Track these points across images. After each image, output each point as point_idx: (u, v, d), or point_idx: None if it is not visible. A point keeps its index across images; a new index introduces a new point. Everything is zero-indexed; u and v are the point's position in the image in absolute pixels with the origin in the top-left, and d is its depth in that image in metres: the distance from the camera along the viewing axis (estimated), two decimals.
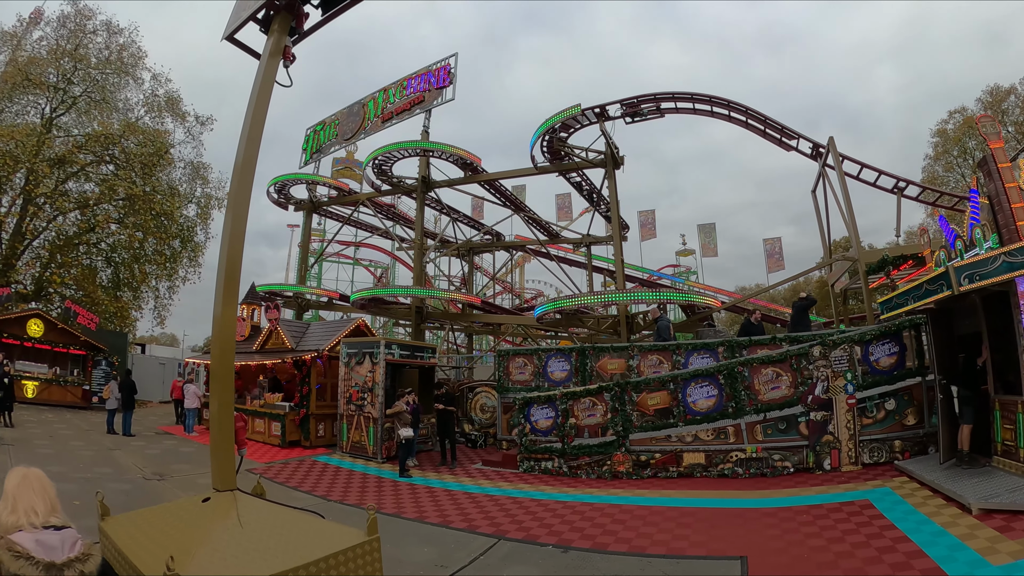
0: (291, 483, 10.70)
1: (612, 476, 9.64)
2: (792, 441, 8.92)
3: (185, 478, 10.62)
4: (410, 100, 22.76)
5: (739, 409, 9.21)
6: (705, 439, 9.28)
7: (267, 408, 14.88)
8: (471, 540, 6.79)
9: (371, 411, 13.09)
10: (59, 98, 24.68)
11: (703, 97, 17.35)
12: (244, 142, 3.81)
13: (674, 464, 9.31)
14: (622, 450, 9.68)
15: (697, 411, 9.47)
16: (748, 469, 8.92)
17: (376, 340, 13.60)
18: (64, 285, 23.52)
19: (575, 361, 12.78)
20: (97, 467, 10.77)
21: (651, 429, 9.59)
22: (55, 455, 11.38)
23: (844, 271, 17.60)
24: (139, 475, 10.48)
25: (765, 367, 9.32)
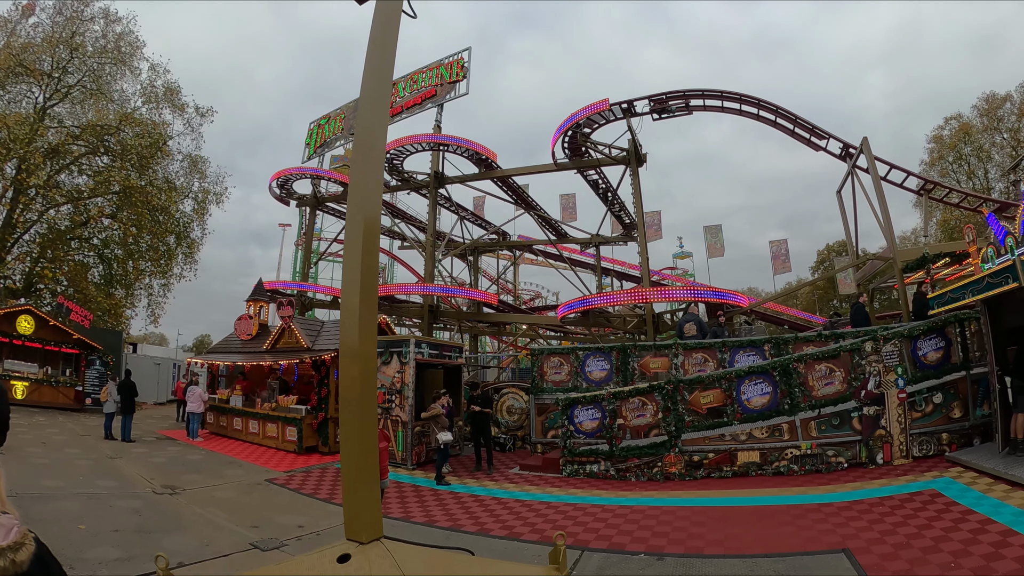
0: (320, 494, 9.32)
1: (664, 478, 8.92)
2: (845, 436, 8.57)
3: (200, 491, 9.14)
4: (422, 94, 21.47)
5: (794, 405, 8.74)
6: (759, 437, 8.77)
7: (280, 412, 13.38)
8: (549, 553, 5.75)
9: (400, 414, 11.74)
10: (53, 87, 22.72)
11: (733, 95, 16.45)
12: (375, 67, 2.55)
13: (728, 463, 8.74)
14: (675, 451, 8.99)
15: (751, 408, 8.92)
16: (803, 466, 8.49)
17: (405, 338, 12.26)
18: (55, 281, 21.52)
19: (616, 360, 11.69)
20: (99, 479, 9.22)
21: (705, 428, 8.97)
22: (50, 465, 9.77)
23: (875, 271, 16.86)
24: (147, 488, 8.96)
25: (819, 363, 8.92)
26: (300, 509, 8.39)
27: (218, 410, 15.30)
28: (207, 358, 16.33)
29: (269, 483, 10.10)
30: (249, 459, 12.18)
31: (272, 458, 12.34)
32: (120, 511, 7.43)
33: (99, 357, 18.77)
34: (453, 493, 9.35)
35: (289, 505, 8.65)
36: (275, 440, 13.43)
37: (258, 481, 10.22)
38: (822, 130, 16.52)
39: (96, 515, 7.16)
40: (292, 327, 13.93)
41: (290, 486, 9.91)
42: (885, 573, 4.72)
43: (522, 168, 19.68)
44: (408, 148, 19.94)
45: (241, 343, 16.32)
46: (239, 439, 14.37)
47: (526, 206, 22.28)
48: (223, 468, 11.17)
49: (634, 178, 17.14)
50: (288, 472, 11.05)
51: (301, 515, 8.01)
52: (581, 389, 11.39)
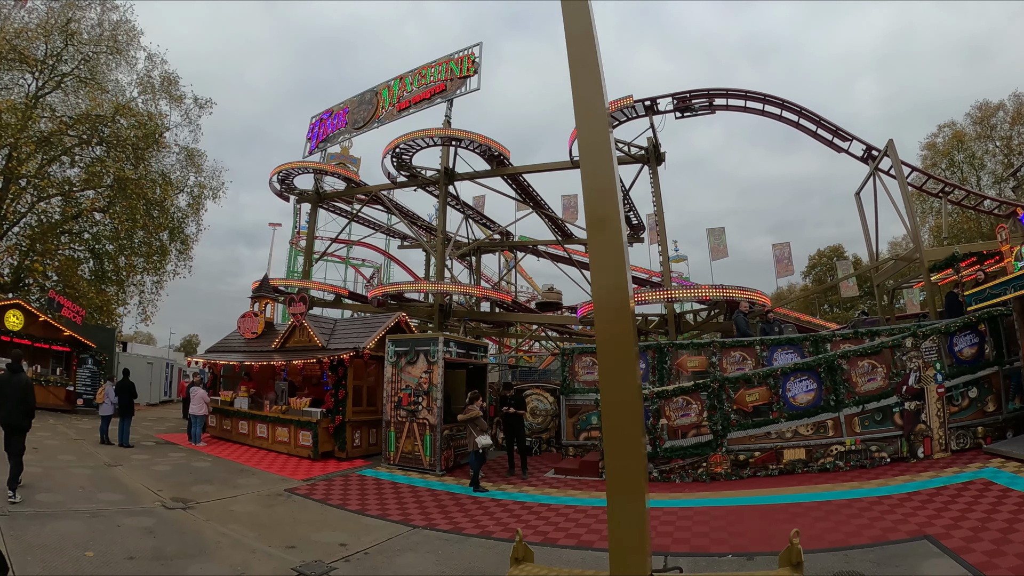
0: (351, 505, 8.21)
1: (710, 478, 8.50)
2: (887, 432, 8.41)
3: (216, 505, 7.97)
4: (431, 89, 20.45)
5: (839, 402, 8.52)
6: (805, 434, 8.49)
7: (293, 415, 12.20)
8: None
9: (427, 417, 10.69)
10: (46, 75, 21.11)
11: (757, 95, 15.85)
12: (581, 67, 1.91)
13: (774, 462, 8.42)
14: (721, 450, 8.59)
15: (796, 406, 8.62)
16: (848, 462, 8.27)
17: (432, 336, 11.20)
18: (44, 275, 19.86)
19: (652, 359, 11.00)
20: (101, 491, 7.98)
21: (751, 427, 8.61)
22: (44, 475, 8.49)
23: (896, 271, 16.43)
24: (156, 502, 7.76)
25: (862, 359, 8.72)
26: (334, 523, 7.29)
27: (221, 413, 14.00)
28: (209, 357, 15.01)
29: (290, 493, 8.94)
30: (261, 466, 10.97)
31: (286, 465, 11.16)
32: (131, 532, 6.26)
33: (91, 356, 17.26)
34: (496, 501, 8.41)
35: (320, 519, 7.52)
36: (286, 445, 12.23)
37: (277, 491, 9.06)
38: (846, 132, 16.04)
39: (104, 538, 5.97)
40: (305, 325, 12.75)
41: (314, 496, 8.77)
42: (976, 554, 4.62)
43: (536, 165, 18.78)
44: (418, 143, 18.87)
45: (245, 342, 15.03)
46: (245, 444, 13.12)
47: (534, 205, 21.38)
48: (235, 477, 9.97)
49: (653, 177, 16.38)
50: (308, 480, 9.89)
51: (338, 531, 6.92)
52: None
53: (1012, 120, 24.77)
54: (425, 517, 7.55)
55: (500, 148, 18.29)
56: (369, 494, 9.00)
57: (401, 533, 6.76)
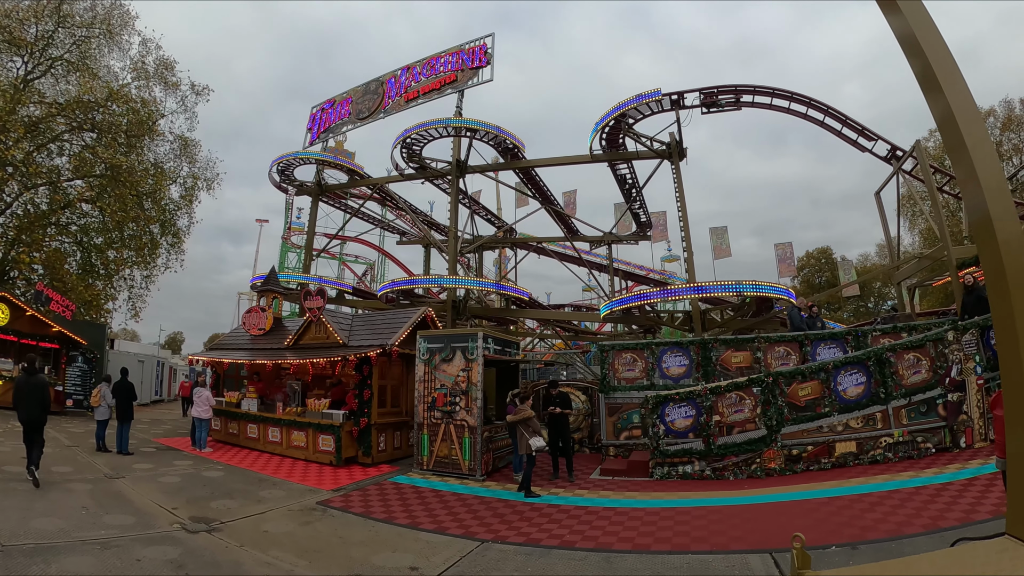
0: (398, 518, 7.10)
1: (764, 474, 8.15)
2: (931, 423, 8.26)
3: (245, 524, 6.73)
4: (440, 79, 19.21)
5: (888, 394, 8.35)
6: (855, 427, 8.28)
7: (311, 418, 10.93)
8: (746, 560, 4.96)
9: (465, 418, 9.60)
10: (35, 59, 19.18)
11: (784, 93, 15.20)
12: None
13: (826, 455, 8.16)
14: (775, 445, 8.23)
15: (847, 399, 8.40)
16: (897, 453, 8.10)
17: (471, 331, 10.10)
18: (31, 268, 17.93)
19: (695, 355, 10.52)
20: (107, 512, 6.65)
21: (804, 421, 8.32)
22: (38, 494, 7.11)
23: (918, 269, 16.02)
24: (174, 524, 6.49)
25: (907, 352, 8.58)
26: (389, 542, 6.18)
27: (227, 415, 12.60)
28: (212, 355, 13.55)
29: (325, 507, 7.73)
30: (280, 475, 9.70)
31: (308, 473, 9.90)
32: (154, 567, 5.01)
33: (82, 353, 15.55)
34: (555, 507, 7.48)
35: (371, 538, 6.37)
36: (303, 450, 10.95)
37: (309, 505, 7.85)
38: (871, 132, 15.55)
39: None
40: (324, 320, 11.47)
41: (353, 509, 7.58)
42: None
43: (552, 159, 17.73)
44: (430, 134, 17.64)
45: (251, 339, 13.63)
46: (256, 449, 11.78)
47: (543, 200, 20.37)
48: (255, 488, 8.68)
49: (676, 172, 15.53)
50: (338, 491, 8.68)
51: (399, 551, 5.85)
52: (658, 386, 10.19)
53: (1002, 126, 24.85)
54: (487, 529, 6.56)
55: (516, 140, 17.20)
56: (413, 504, 7.87)
57: (472, 549, 5.79)
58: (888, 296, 33.52)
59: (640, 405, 9.90)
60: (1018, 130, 24.73)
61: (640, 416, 10.08)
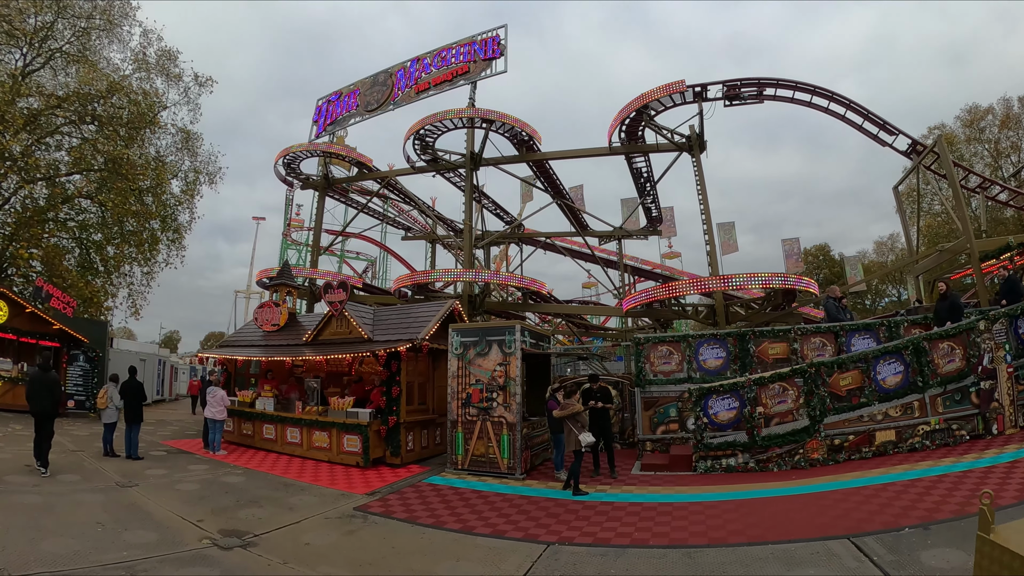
0: (447, 523, 6.36)
1: (808, 464, 7.85)
2: (965, 411, 8.09)
3: (282, 536, 5.87)
4: (452, 70, 18.33)
5: (925, 383, 8.17)
6: (894, 416, 8.08)
7: (335, 417, 10.04)
8: (827, 546, 4.68)
9: (504, 415, 8.84)
10: (34, 51, 17.93)
11: (807, 86, 14.65)
12: None
13: (867, 444, 7.94)
14: (818, 436, 7.94)
15: (886, 388, 8.16)
16: (934, 441, 7.94)
17: (508, 324, 9.29)
18: (29, 263, 16.67)
19: (732, 347, 10.03)
20: (125, 528, 5.73)
21: (845, 411, 8.08)
22: (46, 507, 6.17)
23: (939, 262, 15.60)
24: (203, 540, 5.61)
25: (942, 341, 8.38)
26: (448, 550, 5.47)
27: (241, 415, 11.64)
28: (224, 353, 12.56)
29: (364, 513, 6.91)
30: (306, 479, 8.80)
31: (335, 475, 9.01)
32: None
33: (84, 352, 14.42)
34: (610, 504, 6.96)
35: (425, 546, 5.62)
36: (326, 452, 10.06)
37: (346, 511, 7.00)
38: (893, 126, 15.09)
39: None
40: (347, 315, 10.56)
41: (396, 515, 6.77)
42: None
43: (568, 151, 16.96)
44: (444, 125, 16.77)
45: (264, 335, 12.66)
46: (273, 451, 10.85)
47: (555, 193, 19.60)
48: (283, 494, 7.80)
49: (697, 165, 14.87)
50: (373, 495, 7.83)
51: (462, 559, 5.18)
52: (695, 379, 9.76)
53: (1001, 124, 24.65)
54: (547, 530, 5.94)
55: (531, 131, 16.41)
56: (458, 507, 7.12)
57: (541, 554, 5.18)
58: (885, 293, 33.40)
59: (677, 399, 9.69)
60: (1016, 128, 24.54)
61: (677, 410, 9.74)
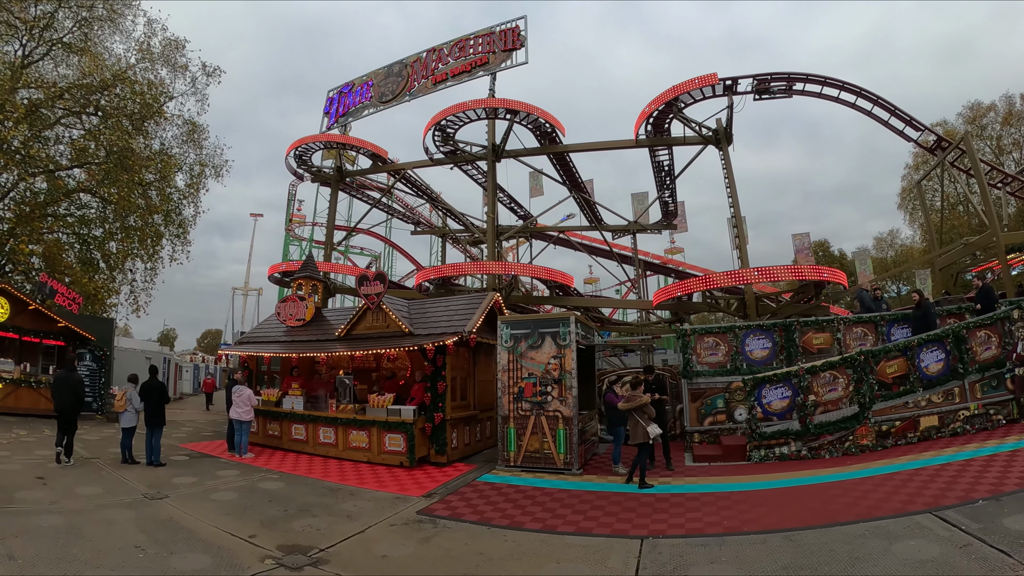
0: (526, 523, 5.71)
1: (858, 450, 7.78)
2: (1001, 396, 8.12)
3: (352, 549, 5.00)
4: (471, 61, 17.39)
5: (965, 370, 8.22)
6: (936, 402, 8.08)
7: (375, 415, 9.08)
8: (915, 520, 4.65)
9: (559, 409, 8.06)
10: (36, 40, 16.58)
11: (835, 82, 14.13)
12: None
13: (912, 430, 7.91)
14: (867, 422, 7.90)
15: (929, 375, 8.17)
16: (973, 425, 7.94)
17: (562, 316, 8.54)
18: (29, 259, 15.33)
19: (778, 338, 9.84)
20: (170, 551, 4.74)
21: (892, 398, 8.04)
22: (73, 530, 5.13)
23: (965, 254, 15.22)
24: (266, 560, 4.68)
25: (979, 330, 8.43)
26: (540, 551, 4.93)
27: (267, 415, 10.59)
28: (245, 350, 11.48)
29: (431, 517, 6.08)
30: (350, 481, 7.85)
31: (381, 477, 8.07)
32: None
33: (91, 351, 13.20)
34: (685, 495, 6.56)
35: (514, 549, 4.93)
36: (366, 452, 9.10)
37: (409, 516, 6.14)
38: (919, 122, 14.69)
39: None
40: (385, 308, 9.59)
41: (465, 517, 6.00)
42: None
43: (592, 143, 16.15)
44: (467, 115, 15.84)
45: (287, 331, 11.63)
46: (304, 452, 9.84)
47: (573, 186, 18.78)
48: (333, 500, 6.85)
49: (725, 158, 14.20)
50: (431, 496, 6.97)
51: (562, 560, 4.63)
52: (742, 370, 9.50)
53: (1003, 121, 24.47)
54: (632, 525, 5.52)
55: (557, 123, 15.57)
56: (527, 506, 6.44)
57: (641, 548, 4.78)
58: (885, 289, 33.20)
59: (723, 390, 9.51)
60: (1019, 125, 24.40)
61: (724, 401, 9.51)
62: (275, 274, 19.35)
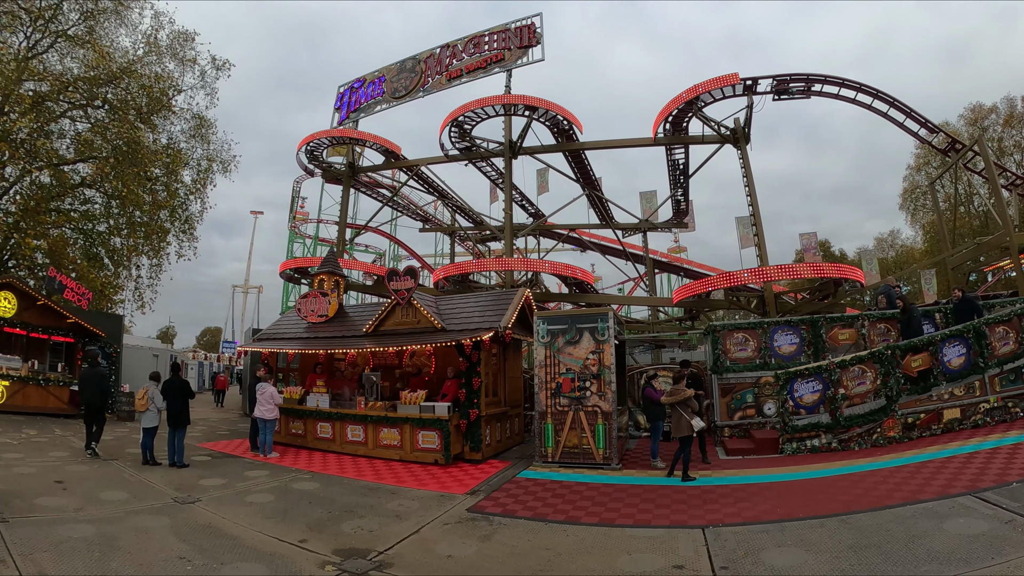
0: (583, 518, 5.46)
1: (886, 442, 7.77)
2: (1019, 390, 8.08)
3: (413, 550, 4.69)
4: (486, 58, 16.97)
5: (985, 364, 8.23)
6: (958, 395, 8.12)
7: (407, 412, 8.64)
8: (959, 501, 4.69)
9: (598, 404, 7.78)
10: (40, 31, 15.90)
11: (852, 84, 14.00)
12: None
13: (936, 422, 7.93)
14: (894, 415, 7.90)
15: (952, 369, 8.24)
16: (993, 417, 7.93)
17: (600, 311, 8.17)
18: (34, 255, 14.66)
19: (806, 333, 9.86)
20: (220, 561, 4.28)
21: (919, 392, 8.07)
22: (107, 541, 4.61)
23: (979, 254, 15.17)
24: (326, 567, 4.32)
25: (998, 326, 8.49)
26: (607, 545, 4.68)
27: (290, 413, 10.10)
28: (265, 346, 10.96)
29: (484, 515, 5.77)
30: (387, 480, 7.41)
31: (419, 475, 7.62)
32: None
33: (100, 347, 12.59)
34: (731, 486, 6.46)
35: (578, 544, 4.74)
36: (397, 450, 8.66)
37: (460, 515, 5.81)
38: (933, 124, 14.63)
39: None
40: (415, 304, 9.15)
41: (519, 514, 5.73)
42: None
43: (609, 141, 15.80)
44: (485, 111, 15.42)
45: (308, 327, 11.15)
46: (331, 451, 9.36)
47: (587, 184, 18.44)
48: (376, 500, 6.42)
49: (743, 157, 13.93)
50: (475, 493, 6.64)
51: (633, 552, 4.48)
52: (771, 365, 9.46)
53: (1004, 122, 24.51)
54: (689, 515, 5.39)
55: (575, 120, 15.20)
56: (576, 500, 6.21)
57: (705, 537, 4.66)
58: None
59: (752, 384, 9.57)
60: (1020, 127, 24.43)
61: (754, 395, 9.53)
62: (287, 270, 18.79)
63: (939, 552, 3.69)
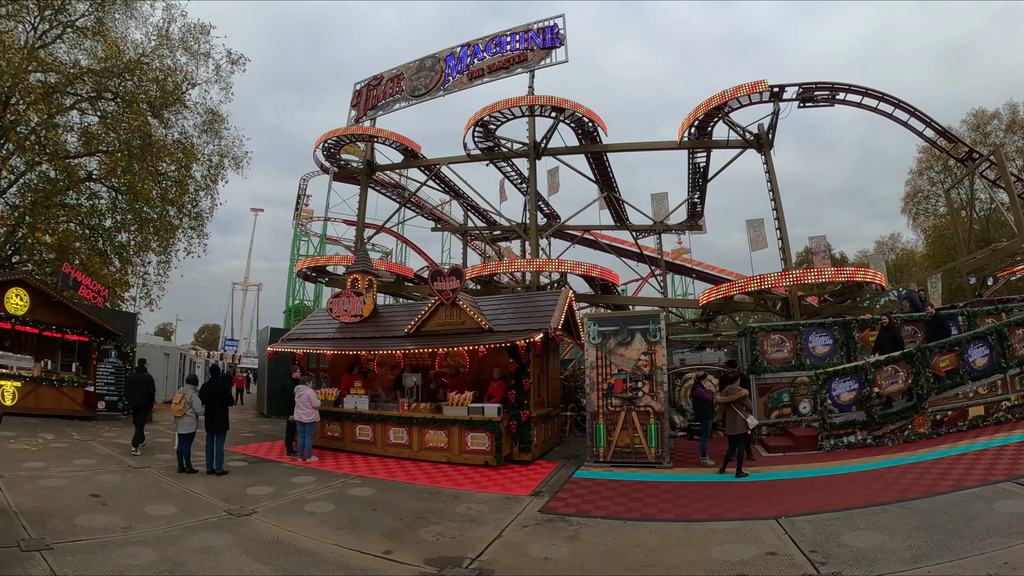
0: (659, 515, 5.56)
1: (916, 438, 7.96)
2: None
3: (509, 556, 4.53)
4: (508, 58, 16.68)
5: (1007, 364, 8.38)
6: (982, 393, 8.30)
7: (455, 414, 8.30)
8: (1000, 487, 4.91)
9: (650, 404, 7.68)
10: (48, 22, 15.25)
11: (875, 93, 14.02)
12: None
13: (962, 419, 8.16)
14: (924, 412, 8.12)
15: (976, 369, 8.45)
16: (1014, 414, 8.12)
17: (651, 313, 8.04)
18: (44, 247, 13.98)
19: (839, 335, 10.04)
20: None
21: (946, 389, 8.28)
22: (174, 566, 4.14)
23: (991, 260, 15.24)
24: None
25: (1019, 328, 8.64)
26: (693, 539, 4.75)
27: (326, 415, 9.66)
28: (298, 347, 10.51)
29: (558, 515, 5.62)
30: (443, 483, 7.05)
31: (473, 478, 7.27)
32: None
33: (116, 347, 12.01)
34: (782, 480, 6.66)
35: (666, 539, 4.80)
36: (444, 452, 8.29)
37: (535, 516, 5.61)
38: (952, 134, 14.72)
39: None
40: (461, 304, 8.79)
41: (593, 513, 5.67)
42: None
43: (633, 144, 15.63)
44: (511, 112, 15.11)
45: (340, 327, 10.72)
46: (371, 454, 8.96)
47: (606, 185, 18.23)
48: (441, 505, 6.08)
49: (767, 162, 13.84)
50: (539, 494, 6.48)
51: (723, 543, 4.55)
52: (806, 366, 9.64)
53: (1006, 128, 24.82)
54: (757, 507, 5.50)
55: (600, 122, 14.97)
56: (643, 499, 6.20)
57: (781, 527, 4.71)
58: (884, 292, 33.51)
59: (789, 384, 9.71)
60: (1022, 133, 24.75)
61: (790, 395, 9.65)
62: (304, 269, 18.27)
63: (996, 528, 3.97)
